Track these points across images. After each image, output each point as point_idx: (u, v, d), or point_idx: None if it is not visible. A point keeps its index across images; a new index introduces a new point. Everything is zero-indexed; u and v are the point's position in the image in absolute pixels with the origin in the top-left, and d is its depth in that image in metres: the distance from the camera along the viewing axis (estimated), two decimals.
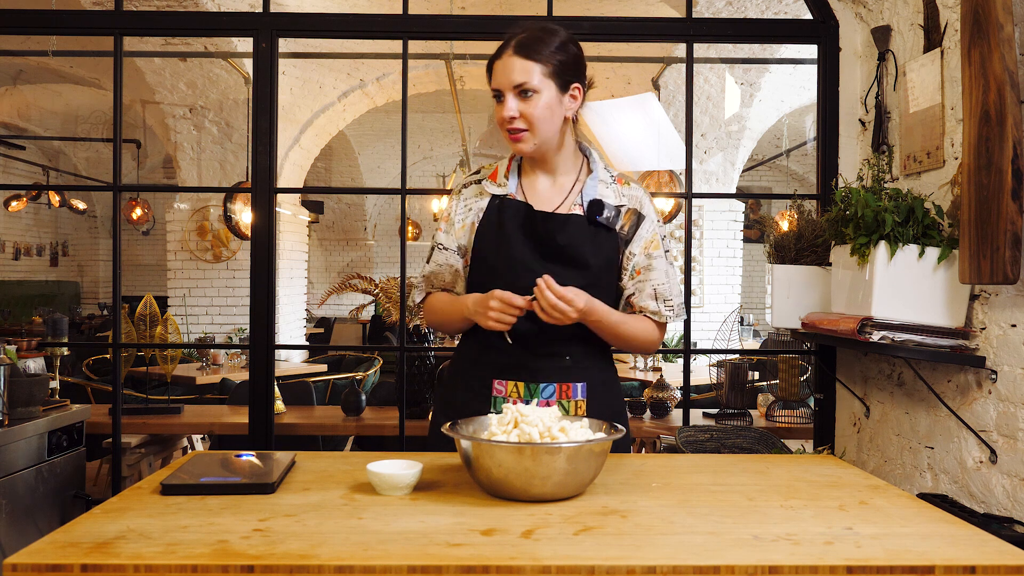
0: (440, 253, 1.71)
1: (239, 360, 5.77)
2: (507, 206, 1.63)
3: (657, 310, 1.64)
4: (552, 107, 1.56)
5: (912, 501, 1.32)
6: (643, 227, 1.65)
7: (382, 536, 1.09)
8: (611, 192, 1.65)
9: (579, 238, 1.59)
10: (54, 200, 10.01)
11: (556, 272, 1.55)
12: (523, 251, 1.60)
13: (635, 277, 1.65)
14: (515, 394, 1.60)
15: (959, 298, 2.01)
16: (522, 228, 1.61)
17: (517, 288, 1.55)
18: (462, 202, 1.70)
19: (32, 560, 0.99)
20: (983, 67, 1.78)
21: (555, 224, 1.59)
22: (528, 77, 1.54)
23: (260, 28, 2.69)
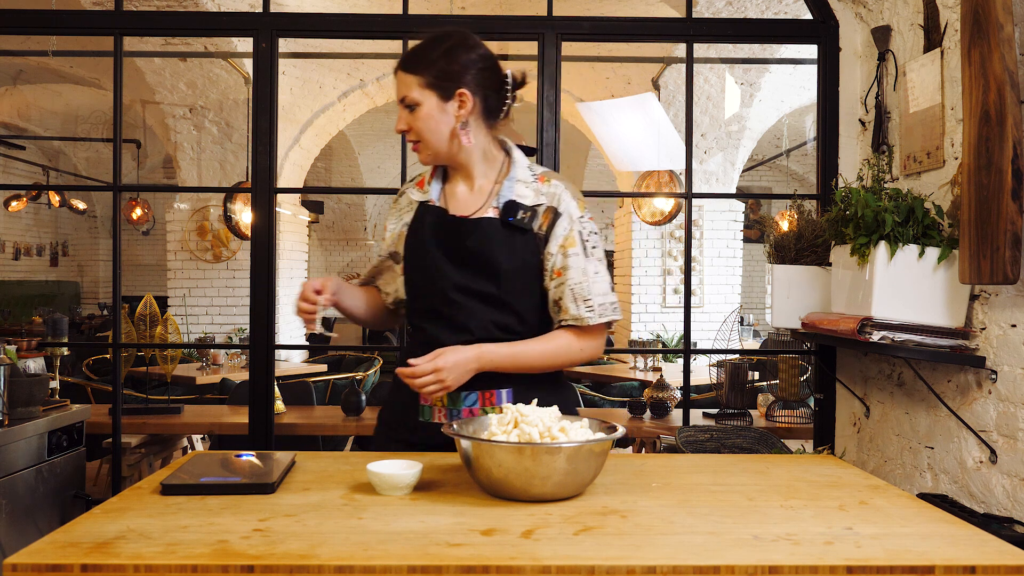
0: (377, 258, 1.79)
1: (239, 360, 5.77)
2: (427, 212, 1.64)
3: (577, 314, 1.57)
4: (433, 117, 1.56)
5: (912, 501, 1.32)
6: (559, 225, 1.59)
7: (382, 536, 1.09)
8: (530, 191, 1.61)
9: (491, 242, 1.56)
10: (54, 200, 10.01)
11: (468, 276, 1.57)
12: (436, 257, 1.59)
13: (555, 278, 1.59)
14: (439, 402, 1.60)
15: (959, 298, 2.01)
16: (436, 234, 1.61)
17: (435, 294, 1.59)
18: (396, 210, 1.75)
19: (32, 560, 0.99)
20: (983, 67, 1.78)
21: (465, 229, 1.58)
22: (408, 90, 1.56)
23: (260, 28, 2.70)
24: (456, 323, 1.58)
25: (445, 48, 1.56)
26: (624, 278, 7.44)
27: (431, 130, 1.57)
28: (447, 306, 1.59)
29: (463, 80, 1.56)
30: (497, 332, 1.58)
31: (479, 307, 1.57)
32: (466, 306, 1.57)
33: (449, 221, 1.61)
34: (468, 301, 1.57)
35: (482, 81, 1.59)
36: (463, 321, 1.58)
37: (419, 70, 1.56)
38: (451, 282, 1.58)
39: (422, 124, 1.57)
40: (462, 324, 1.58)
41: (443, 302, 1.59)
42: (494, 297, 1.57)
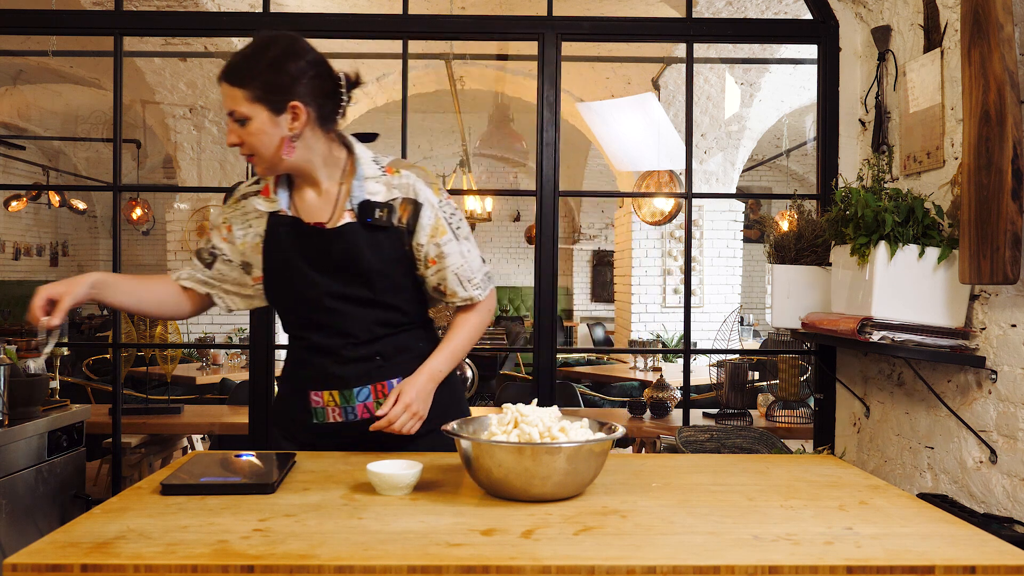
0: (225, 264, 1.68)
1: (239, 360, 5.77)
2: (280, 223, 1.59)
3: (468, 295, 1.66)
4: (266, 131, 1.49)
5: (912, 501, 1.32)
6: (423, 215, 1.59)
7: (382, 536, 1.09)
8: (382, 186, 1.59)
9: (355, 247, 1.55)
10: (54, 200, 10.01)
11: (340, 284, 1.57)
12: (301, 268, 1.57)
13: (431, 266, 1.62)
14: (332, 402, 1.60)
15: (959, 298, 2.01)
16: (296, 245, 1.58)
17: (310, 306, 1.58)
18: (239, 214, 1.66)
19: (32, 560, 0.99)
20: (983, 67, 1.78)
21: (327, 239, 1.56)
22: (236, 104, 1.48)
23: (260, 28, 2.69)
24: (338, 329, 1.59)
25: (271, 58, 1.47)
26: (624, 278, 7.44)
27: (264, 145, 1.50)
28: (325, 315, 1.59)
29: (295, 92, 1.48)
30: (380, 330, 1.61)
31: (358, 311, 1.59)
32: (345, 312, 1.58)
33: (309, 232, 1.57)
34: (346, 307, 1.58)
35: (315, 90, 1.51)
36: (343, 327, 1.59)
37: (245, 83, 1.47)
38: (324, 291, 1.57)
39: (254, 139, 1.49)
40: (344, 330, 1.59)
41: (320, 311, 1.58)
42: (370, 299, 1.58)
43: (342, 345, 1.59)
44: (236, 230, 1.66)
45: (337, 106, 1.56)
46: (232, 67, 1.48)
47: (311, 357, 1.61)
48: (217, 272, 1.69)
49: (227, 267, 1.68)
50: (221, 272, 1.69)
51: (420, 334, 1.69)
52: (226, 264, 1.68)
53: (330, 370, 1.59)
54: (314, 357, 1.61)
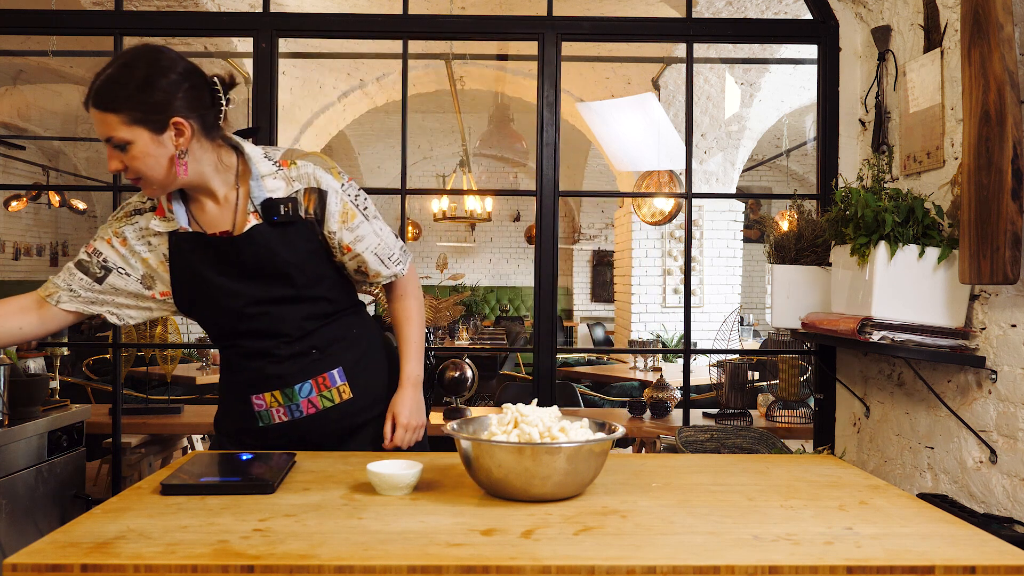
0: (120, 277, 1.58)
1: None
2: (184, 240, 1.54)
3: (392, 272, 1.67)
4: (151, 153, 1.42)
5: (912, 501, 1.32)
6: (330, 203, 1.56)
7: (382, 536, 1.09)
8: (280, 181, 1.55)
9: (267, 248, 1.52)
10: (54, 200, 10.01)
11: (259, 287, 1.53)
12: (220, 282, 1.53)
13: (347, 253, 1.60)
14: (275, 403, 1.59)
15: (959, 298, 2.01)
16: (206, 259, 1.53)
17: (234, 316, 1.55)
18: (135, 229, 1.58)
19: (32, 560, 0.99)
20: (983, 67, 1.78)
21: (238, 246, 1.52)
22: (112, 130, 1.40)
23: (260, 28, 2.70)
24: (269, 331, 1.58)
25: (141, 78, 1.40)
26: (624, 278, 7.44)
27: (151, 167, 1.43)
28: (251, 321, 1.56)
29: (173, 108, 1.42)
30: (310, 324, 1.59)
31: (284, 310, 1.57)
32: (272, 313, 1.56)
33: (216, 243, 1.53)
34: (271, 309, 1.56)
35: (193, 101, 1.46)
36: (274, 328, 1.57)
37: (118, 107, 1.39)
38: (246, 300, 1.54)
39: (139, 163, 1.42)
40: (275, 330, 1.58)
41: (248, 319, 1.56)
42: (294, 296, 1.56)
43: (274, 345, 1.57)
44: (135, 245, 1.58)
45: (219, 112, 1.51)
46: (101, 92, 1.39)
47: (245, 362, 1.60)
48: (109, 286, 1.58)
49: (122, 280, 1.58)
50: (114, 286, 1.58)
51: (352, 320, 1.68)
52: (122, 277, 1.58)
53: (267, 371, 1.57)
54: (249, 361, 1.59)
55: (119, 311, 1.61)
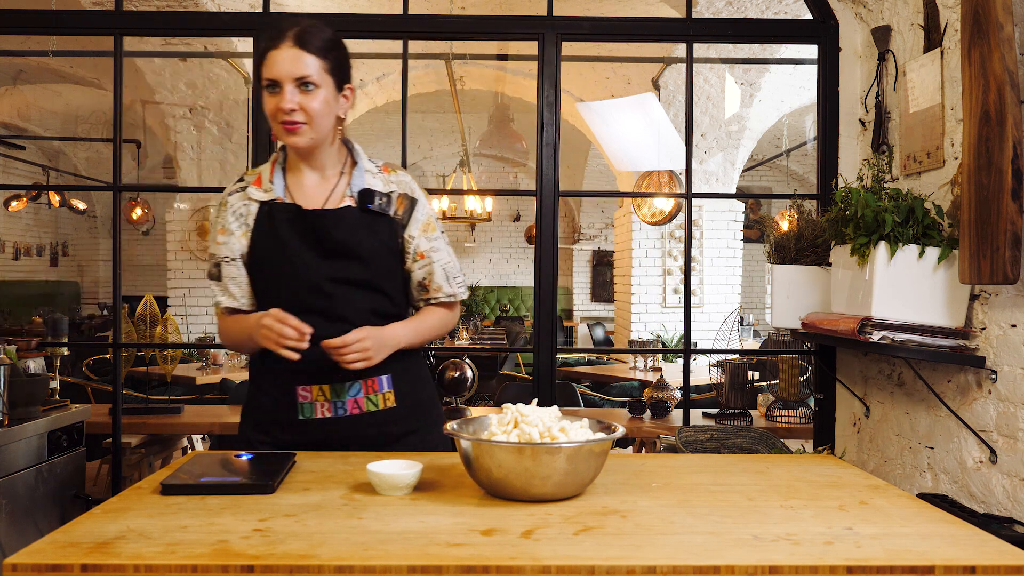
0: (229, 266, 1.64)
1: (239, 360, 5.77)
2: (276, 210, 1.61)
3: (452, 291, 1.71)
4: (330, 103, 1.57)
5: (912, 501, 1.32)
6: (417, 210, 1.67)
7: (382, 536, 1.09)
8: (379, 181, 1.66)
9: (354, 230, 1.60)
10: (54, 200, 10.01)
11: (338, 266, 1.59)
12: (300, 252, 1.59)
13: (419, 260, 1.68)
14: (321, 397, 1.60)
15: (959, 298, 2.01)
16: (295, 230, 1.59)
17: (304, 289, 1.58)
18: (230, 211, 1.65)
19: (32, 560, 0.99)
20: (983, 67, 1.78)
21: (328, 221, 1.59)
22: (311, 71, 1.53)
23: (260, 28, 2.69)
24: (332, 314, 1.59)
25: (335, 39, 1.57)
26: (624, 278, 7.44)
27: (324, 114, 1.56)
28: (323, 298, 1.59)
29: (350, 76, 1.62)
30: (373, 318, 1.61)
31: (354, 294, 1.61)
32: (341, 295, 1.60)
33: (308, 215, 1.60)
34: (342, 290, 1.59)
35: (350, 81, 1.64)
36: (339, 311, 1.60)
37: (322, 53, 1.54)
38: (322, 274, 1.58)
39: (319, 107, 1.54)
40: (339, 314, 1.59)
41: (316, 295, 1.59)
42: (367, 282, 1.61)
43: (336, 333, 1.55)
44: (231, 226, 1.64)
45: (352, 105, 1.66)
46: (307, 34, 1.53)
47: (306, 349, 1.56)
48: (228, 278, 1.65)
49: (233, 267, 1.65)
50: (232, 276, 1.65)
51: None
52: (230, 265, 1.65)
53: (323, 364, 1.56)
54: (309, 350, 1.56)
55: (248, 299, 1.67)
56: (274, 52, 1.52)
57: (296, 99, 1.52)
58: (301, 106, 1.53)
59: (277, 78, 1.52)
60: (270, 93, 1.54)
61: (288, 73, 1.51)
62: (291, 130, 1.55)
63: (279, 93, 1.53)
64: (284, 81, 1.52)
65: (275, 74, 1.52)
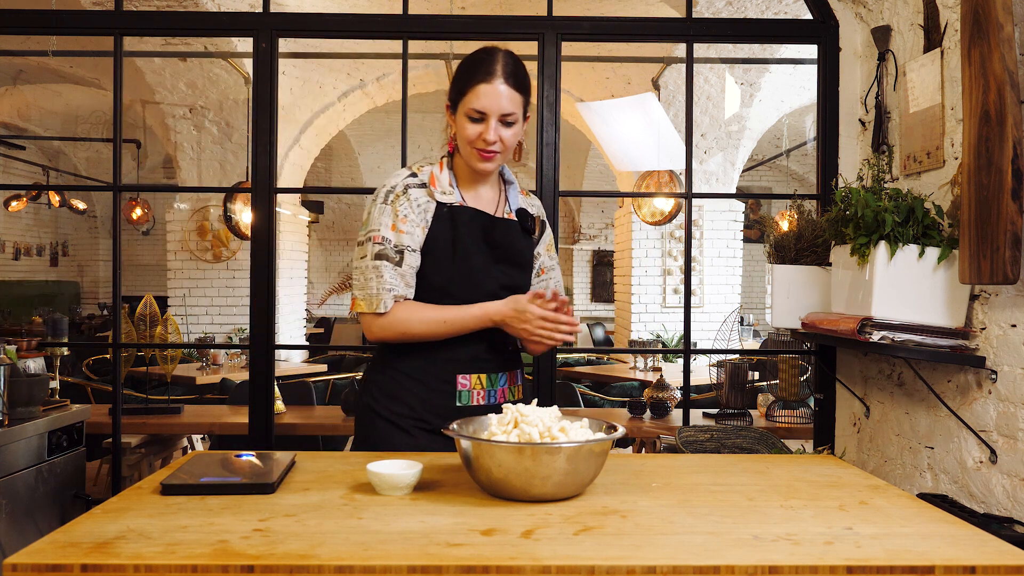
0: (412, 255, 1.66)
1: (239, 360, 5.77)
2: (459, 214, 1.69)
3: None
4: (519, 134, 1.69)
5: (912, 501, 1.32)
6: (546, 232, 1.86)
7: (382, 536, 1.09)
8: (522, 201, 1.82)
9: (520, 241, 1.76)
10: (54, 200, 10.01)
11: (507, 273, 1.72)
12: (480, 258, 1.68)
13: (540, 276, 1.84)
14: (478, 386, 1.70)
15: (959, 298, 2.01)
16: (477, 235, 1.69)
17: (480, 294, 1.67)
18: (413, 203, 1.67)
19: (32, 560, 0.99)
20: (983, 67, 1.78)
21: (510, 230, 1.73)
22: (517, 109, 1.64)
23: (260, 28, 2.70)
24: None
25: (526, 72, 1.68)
26: (624, 278, 7.44)
27: (513, 146, 1.69)
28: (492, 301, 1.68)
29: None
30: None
31: None
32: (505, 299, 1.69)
33: (497, 224, 1.72)
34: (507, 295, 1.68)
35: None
36: None
37: (525, 91, 1.66)
38: (498, 283, 1.70)
39: (513, 139, 1.66)
40: None
41: (489, 299, 1.67)
42: (522, 289, 1.75)
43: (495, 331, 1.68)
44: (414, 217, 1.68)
45: None
46: (518, 75, 1.65)
47: (467, 341, 1.68)
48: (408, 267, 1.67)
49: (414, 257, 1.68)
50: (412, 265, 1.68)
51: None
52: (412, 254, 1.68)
53: (482, 355, 1.70)
54: (470, 341, 1.68)
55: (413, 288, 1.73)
56: (486, 86, 1.61)
57: (499, 132, 1.63)
58: (500, 137, 1.64)
59: (486, 112, 1.62)
60: (471, 121, 1.63)
61: (497, 109, 1.62)
62: (487, 158, 1.66)
63: (483, 123, 1.63)
64: (492, 115, 1.62)
65: (485, 107, 1.61)
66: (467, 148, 1.66)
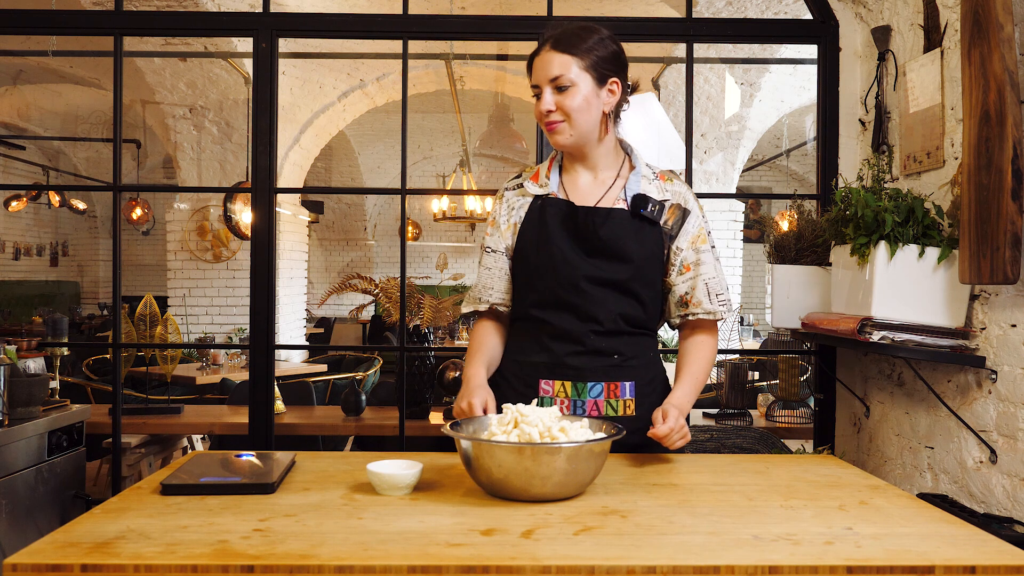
0: (488, 256, 1.71)
1: (239, 360, 5.77)
2: (548, 204, 1.64)
3: (711, 309, 1.66)
4: (589, 99, 1.57)
5: (912, 501, 1.32)
6: (689, 222, 1.67)
7: (382, 536, 1.09)
8: (654, 188, 1.67)
9: (622, 232, 1.60)
10: (54, 200, 10.01)
11: (599, 265, 1.59)
12: (563, 246, 1.60)
13: (684, 273, 1.66)
14: (562, 393, 1.60)
15: (959, 298, 2.01)
16: (562, 224, 1.62)
17: (563, 285, 1.59)
18: (505, 204, 1.71)
19: (32, 560, 0.99)
20: (983, 67, 1.78)
21: (597, 218, 1.61)
22: (564, 70, 1.55)
23: (260, 28, 2.69)
24: (584, 313, 1.60)
25: (599, 37, 1.58)
26: None
27: (583, 110, 1.57)
28: (577, 296, 1.60)
29: (617, 69, 1.60)
30: (623, 324, 1.62)
31: (609, 296, 1.60)
32: (596, 295, 1.60)
33: (579, 212, 1.62)
34: (598, 290, 1.59)
35: (624, 80, 1.64)
36: (592, 311, 1.60)
37: (578, 52, 1.56)
38: (582, 272, 1.59)
39: (576, 104, 1.56)
40: (590, 314, 1.60)
41: (573, 292, 1.59)
42: (623, 285, 1.60)
43: (584, 332, 1.59)
44: (500, 219, 1.70)
45: (624, 103, 1.66)
46: (563, 38, 1.56)
47: (549, 342, 1.61)
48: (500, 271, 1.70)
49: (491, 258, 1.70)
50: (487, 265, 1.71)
51: (652, 343, 1.70)
52: (490, 255, 1.70)
53: (567, 360, 1.60)
54: (553, 343, 1.61)
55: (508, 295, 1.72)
56: (536, 59, 1.59)
57: (552, 100, 1.56)
58: (558, 105, 1.56)
59: (536, 82, 1.58)
60: (536, 98, 1.59)
61: (545, 76, 1.56)
62: (552, 129, 1.59)
63: (541, 97, 1.58)
64: (543, 84, 1.57)
65: (535, 79, 1.59)
66: (544, 127, 1.62)
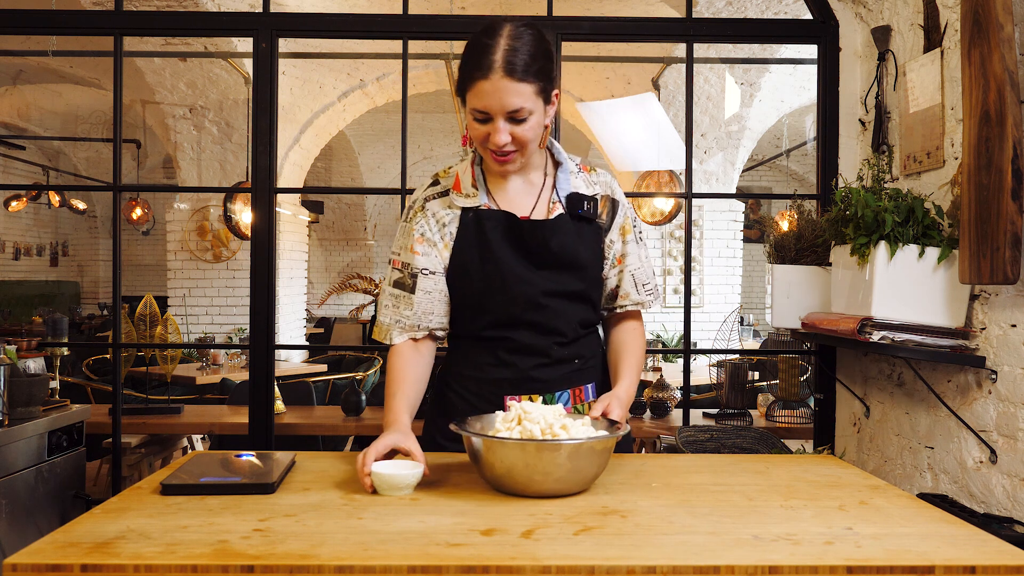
0: (426, 279, 1.53)
1: (239, 360, 5.77)
2: (484, 217, 1.51)
3: (639, 299, 1.62)
4: (541, 123, 1.46)
5: (912, 501, 1.32)
6: (618, 213, 1.60)
7: (382, 536, 1.09)
8: (582, 182, 1.58)
9: (570, 240, 1.52)
10: (54, 200, 10.02)
11: (553, 278, 1.51)
12: (512, 263, 1.50)
13: (616, 266, 1.61)
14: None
15: (959, 298, 2.01)
16: (505, 238, 1.51)
17: (518, 303, 1.50)
18: (432, 218, 1.54)
19: (32, 560, 0.99)
20: (983, 67, 1.78)
21: (545, 231, 1.51)
22: (524, 101, 1.40)
23: (260, 28, 2.70)
24: (546, 327, 1.53)
25: (547, 48, 1.43)
26: None
27: (536, 137, 1.45)
28: (537, 312, 1.51)
29: (555, 76, 1.47)
30: (581, 330, 1.58)
31: (568, 307, 1.54)
32: (557, 308, 1.53)
33: (525, 226, 1.51)
34: (558, 302, 1.53)
35: (559, 79, 1.52)
36: (554, 324, 1.53)
37: (531, 77, 1.39)
38: (539, 288, 1.50)
39: (531, 134, 1.43)
40: (552, 327, 1.53)
41: (532, 309, 1.51)
42: (580, 294, 1.55)
43: (548, 345, 1.52)
44: (432, 236, 1.54)
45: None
46: (516, 62, 1.38)
47: (510, 357, 1.53)
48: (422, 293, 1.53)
49: (430, 280, 1.54)
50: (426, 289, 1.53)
51: (598, 339, 1.66)
52: (428, 278, 1.53)
53: (532, 373, 1.53)
54: (514, 357, 1.53)
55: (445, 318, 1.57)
56: (483, 83, 1.38)
57: (508, 130, 1.42)
58: (513, 136, 1.42)
59: (488, 111, 1.41)
60: (477, 121, 1.44)
61: (500, 108, 1.40)
62: (503, 160, 1.46)
63: (490, 124, 1.42)
64: (496, 115, 1.41)
65: (485, 106, 1.40)
66: (484, 151, 1.48)
